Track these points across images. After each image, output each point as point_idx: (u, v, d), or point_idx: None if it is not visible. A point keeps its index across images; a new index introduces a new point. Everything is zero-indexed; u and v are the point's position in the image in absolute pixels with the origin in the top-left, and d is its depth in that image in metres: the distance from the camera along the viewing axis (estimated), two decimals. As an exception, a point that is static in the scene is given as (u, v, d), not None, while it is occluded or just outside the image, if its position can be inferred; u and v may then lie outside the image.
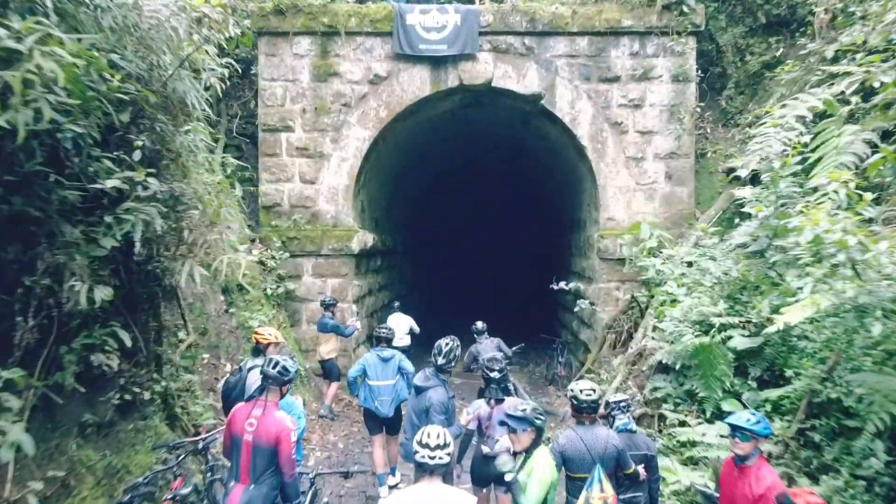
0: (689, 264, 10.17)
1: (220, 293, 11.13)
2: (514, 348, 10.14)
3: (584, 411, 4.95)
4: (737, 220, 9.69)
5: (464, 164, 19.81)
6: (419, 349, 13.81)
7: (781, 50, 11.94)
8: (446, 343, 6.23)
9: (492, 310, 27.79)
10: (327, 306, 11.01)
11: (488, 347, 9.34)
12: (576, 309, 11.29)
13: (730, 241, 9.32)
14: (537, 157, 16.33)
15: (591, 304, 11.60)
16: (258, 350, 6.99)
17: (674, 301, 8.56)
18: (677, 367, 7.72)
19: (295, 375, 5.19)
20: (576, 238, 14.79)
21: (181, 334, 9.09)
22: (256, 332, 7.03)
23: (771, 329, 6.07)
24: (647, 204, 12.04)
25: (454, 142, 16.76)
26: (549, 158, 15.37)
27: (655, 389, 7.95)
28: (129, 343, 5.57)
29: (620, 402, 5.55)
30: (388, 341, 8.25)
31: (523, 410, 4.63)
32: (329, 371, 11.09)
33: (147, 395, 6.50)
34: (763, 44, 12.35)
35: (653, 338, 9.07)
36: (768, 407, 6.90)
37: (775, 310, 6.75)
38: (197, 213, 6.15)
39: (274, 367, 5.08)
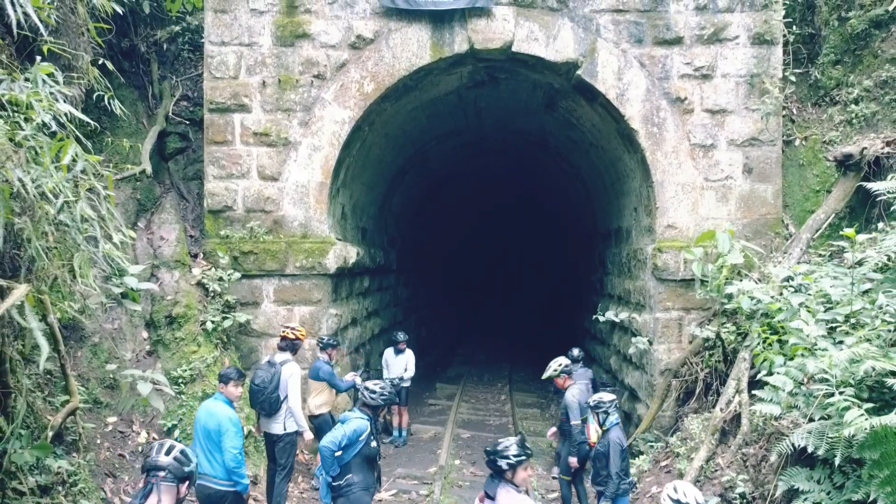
0: (797, 290, 7.20)
1: (144, 328, 8.15)
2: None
3: None
4: (881, 224, 6.73)
5: (471, 166, 16.82)
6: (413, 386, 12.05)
7: None
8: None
9: (501, 333, 25.20)
10: (325, 347, 8.59)
11: (579, 378, 8.60)
12: (631, 350, 8.30)
13: (869, 254, 6.37)
14: (563, 154, 13.36)
15: (650, 341, 8.58)
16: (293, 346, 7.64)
17: (809, 349, 5.53)
18: (836, 460, 4.69)
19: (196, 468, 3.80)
20: (613, 252, 11.79)
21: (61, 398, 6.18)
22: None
23: None
24: (720, 206, 9.06)
25: (460, 137, 13.81)
26: (579, 154, 12.41)
27: (795, 494, 4.91)
28: None
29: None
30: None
31: None
32: (320, 430, 8.41)
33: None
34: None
35: (759, 398, 6.07)
36: None
37: None
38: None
39: (167, 454, 3.70)
